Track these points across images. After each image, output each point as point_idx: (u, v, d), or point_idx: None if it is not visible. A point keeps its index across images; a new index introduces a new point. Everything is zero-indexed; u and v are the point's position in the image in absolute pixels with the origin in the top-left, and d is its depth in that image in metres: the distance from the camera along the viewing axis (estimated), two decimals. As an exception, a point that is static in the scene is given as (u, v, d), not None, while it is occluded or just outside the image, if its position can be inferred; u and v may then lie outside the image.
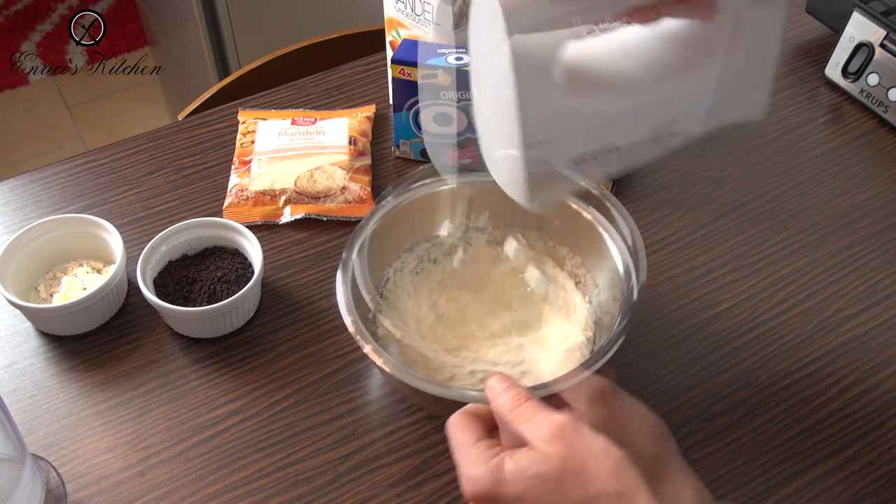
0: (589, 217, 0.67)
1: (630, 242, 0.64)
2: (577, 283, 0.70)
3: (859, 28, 0.91)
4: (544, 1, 0.45)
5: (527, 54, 0.45)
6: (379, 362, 0.59)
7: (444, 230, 0.68)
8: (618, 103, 0.50)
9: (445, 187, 0.70)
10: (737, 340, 0.72)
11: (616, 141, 0.51)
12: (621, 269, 0.64)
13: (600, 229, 0.67)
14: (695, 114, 0.53)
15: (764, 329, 0.73)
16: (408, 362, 0.66)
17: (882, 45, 0.90)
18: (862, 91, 0.92)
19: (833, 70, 0.94)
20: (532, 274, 0.66)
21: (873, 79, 0.91)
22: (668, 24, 0.51)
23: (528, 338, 0.69)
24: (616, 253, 0.65)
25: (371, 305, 0.62)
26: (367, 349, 0.60)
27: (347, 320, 0.61)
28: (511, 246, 0.65)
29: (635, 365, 0.70)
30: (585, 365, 0.57)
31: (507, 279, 0.72)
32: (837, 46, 0.94)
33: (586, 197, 0.67)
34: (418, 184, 0.70)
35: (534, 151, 0.49)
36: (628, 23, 0.49)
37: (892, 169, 0.87)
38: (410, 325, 0.69)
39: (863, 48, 0.91)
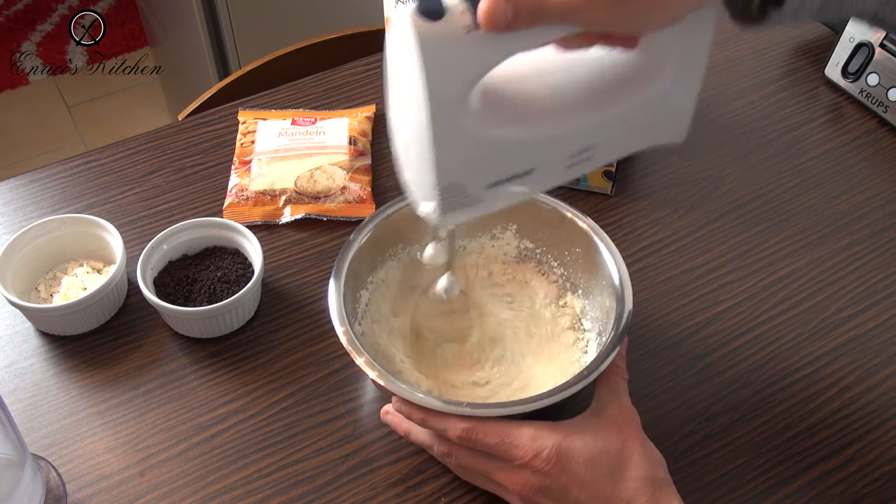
0: (585, 226, 0.67)
1: (617, 282, 0.64)
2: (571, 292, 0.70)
3: (859, 28, 0.91)
4: (465, 42, 0.44)
5: (443, 85, 0.44)
6: (372, 375, 0.59)
7: (428, 255, 0.66)
8: (536, 132, 0.49)
9: None
10: (737, 340, 0.72)
11: (532, 167, 0.50)
12: (617, 283, 0.64)
13: (595, 238, 0.67)
14: (613, 140, 0.52)
15: (764, 329, 0.73)
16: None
17: (882, 45, 0.90)
18: (862, 91, 0.92)
19: (833, 70, 0.94)
20: (443, 280, 0.64)
21: (873, 79, 0.91)
22: (589, 54, 0.50)
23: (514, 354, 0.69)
24: (612, 267, 0.65)
25: (343, 340, 0.61)
26: (360, 361, 0.60)
27: (339, 331, 0.61)
28: (428, 249, 0.64)
29: (635, 365, 0.70)
30: (570, 384, 0.58)
31: (490, 295, 0.72)
32: (837, 46, 0.94)
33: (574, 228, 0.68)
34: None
35: (446, 179, 0.48)
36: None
37: (892, 169, 0.87)
38: (396, 341, 0.69)
39: (863, 48, 0.91)
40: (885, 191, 0.85)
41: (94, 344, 0.72)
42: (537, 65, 0.49)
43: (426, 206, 0.51)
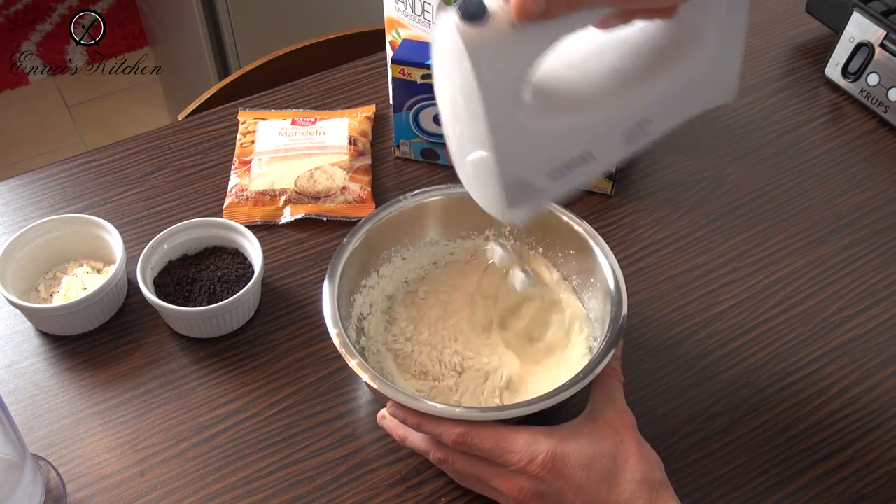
0: (580, 230, 0.67)
1: (612, 286, 0.64)
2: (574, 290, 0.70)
3: (859, 28, 0.91)
4: (510, 39, 0.44)
5: (494, 85, 0.45)
6: (365, 378, 0.59)
7: (499, 256, 0.66)
8: (589, 116, 0.49)
9: (436, 198, 0.70)
10: (737, 340, 0.72)
11: (590, 149, 0.50)
12: (612, 286, 0.64)
13: (591, 242, 0.67)
14: (667, 111, 0.52)
15: (764, 329, 0.73)
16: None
17: (882, 45, 0.90)
18: (862, 91, 0.92)
19: (833, 70, 0.94)
20: (516, 275, 0.65)
21: (873, 79, 0.91)
22: (631, 30, 0.50)
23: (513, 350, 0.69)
24: (608, 271, 0.65)
25: (336, 342, 0.61)
26: (353, 364, 0.60)
27: (332, 333, 0.61)
28: (496, 252, 0.65)
29: (635, 365, 0.70)
30: (566, 386, 0.58)
31: (494, 285, 0.72)
32: (837, 46, 0.94)
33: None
34: (415, 192, 0.70)
35: (511, 176, 0.48)
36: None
37: (892, 169, 0.87)
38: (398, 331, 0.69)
39: (863, 48, 0.91)
40: (885, 191, 0.85)
41: (94, 344, 0.72)
42: (580, 48, 0.49)
43: (496, 206, 0.51)
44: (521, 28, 0.44)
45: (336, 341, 0.61)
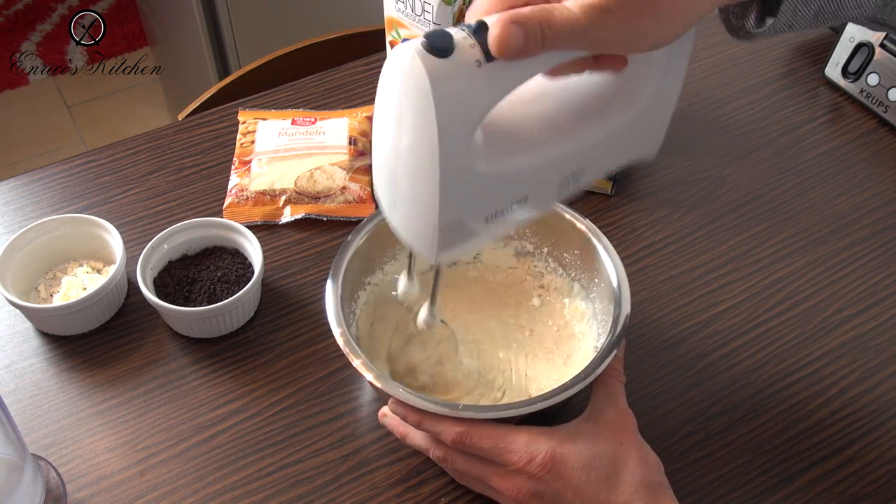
0: (583, 228, 0.67)
1: (615, 285, 0.64)
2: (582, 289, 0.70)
3: (859, 28, 0.91)
4: (474, 77, 0.43)
5: (452, 123, 0.43)
6: (369, 377, 0.59)
7: (402, 289, 0.64)
8: (532, 161, 0.49)
9: None
10: (737, 340, 0.72)
11: (527, 194, 0.50)
12: (615, 285, 0.64)
13: (594, 240, 0.67)
14: (598, 160, 0.52)
15: (764, 329, 0.73)
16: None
17: (882, 45, 0.90)
18: (862, 91, 0.92)
19: (833, 70, 0.94)
20: (423, 313, 0.62)
21: (873, 79, 0.91)
22: (575, 78, 0.50)
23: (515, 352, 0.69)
24: (611, 270, 0.65)
25: (340, 341, 0.61)
26: (357, 363, 0.60)
27: (336, 332, 0.61)
28: (401, 284, 0.63)
29: (635, 365, 0.70)
30: (565, 387, 0.58)
31: (504, 289, 0.72)
32: (837, 46, 0.94)
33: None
34: None
35: (449, 217, 0.47)
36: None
37: (892, 169, 0.87)
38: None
39: (863, 48, 0.91)
40: (885, 191, 0.85)
41: (94, 344, 0.72)
42: (525, 91, 0.49)
43: (422, 245, 0.50)
44: (486, 66, 0.43)
45: (339, 340, 0.61)
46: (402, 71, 0.43)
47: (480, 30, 0.42)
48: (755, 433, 0.66)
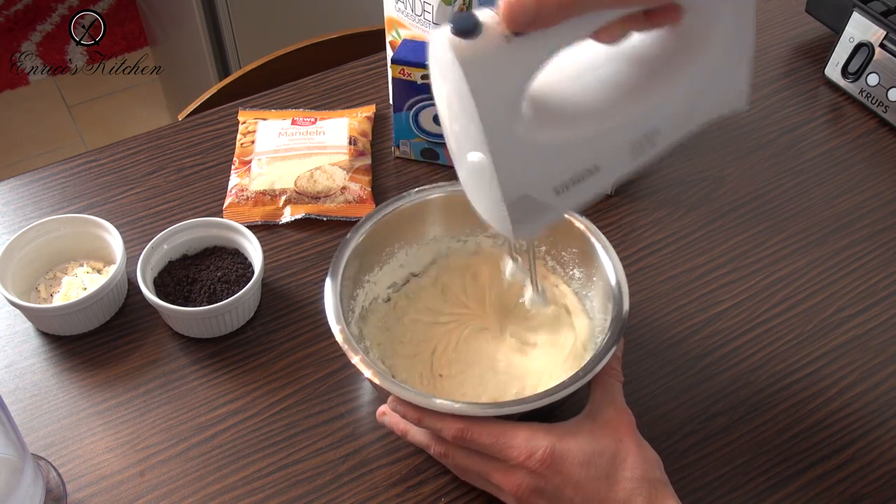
0: (582, 227, 0.67)
1: (614, 283, 0.64)
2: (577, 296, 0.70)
3: (859, 28, 0.91)
4: (504, 52, 0.43)
5: (491, 100, 0.44)
6: (367, 374, 0.59)
7: (509, 272, 0.65)
8: (592, 129, 0.48)
9: (438, 195, 0.70)
10: (737, 340, 0.72)
11: (596, 163, 0.49)
12: (614, 284, 0.64)
13: (593, 239, 0.67)
14: (675, 120, 0.51)
15: (764, 329, 0.73)
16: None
17: (882, 45, 0.90)
18: (862, 91, 0.92)
19: (833, 70, 0.94)
20: (527, 292, 0.65)
21: (873, 79, 0.91)
22: (632, 41, 0.49)
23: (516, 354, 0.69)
24: (609, 268, 0.65)
25: (339, 338, 0.61)
26: (356, 360, 0.60)
27: (335, 330, 0.61)
28: (508, 266, 0.64)
29: (635, 365, 0.70)
30: (564, 385, 0.58)
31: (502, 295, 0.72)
32: (837, 46, 0.94)
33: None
34: (416, 190, 0.70)
35: (514, 193, 0.47)
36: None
37: (892, 169, 0.87)
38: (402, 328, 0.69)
39: (863, 48, 0.91)
40: (885, 191, 0.85)
41: (94, 344, 0.72)
42: (580, 60, 0.48)
43: (501, 224, 0.50)
44: (516, 41, 0.43)
45: (339, 337, 0.61)
46: (437, 58, 0.44)
47: None
48: (755, 433, 0.66)
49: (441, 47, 0.43)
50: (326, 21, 1.69)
